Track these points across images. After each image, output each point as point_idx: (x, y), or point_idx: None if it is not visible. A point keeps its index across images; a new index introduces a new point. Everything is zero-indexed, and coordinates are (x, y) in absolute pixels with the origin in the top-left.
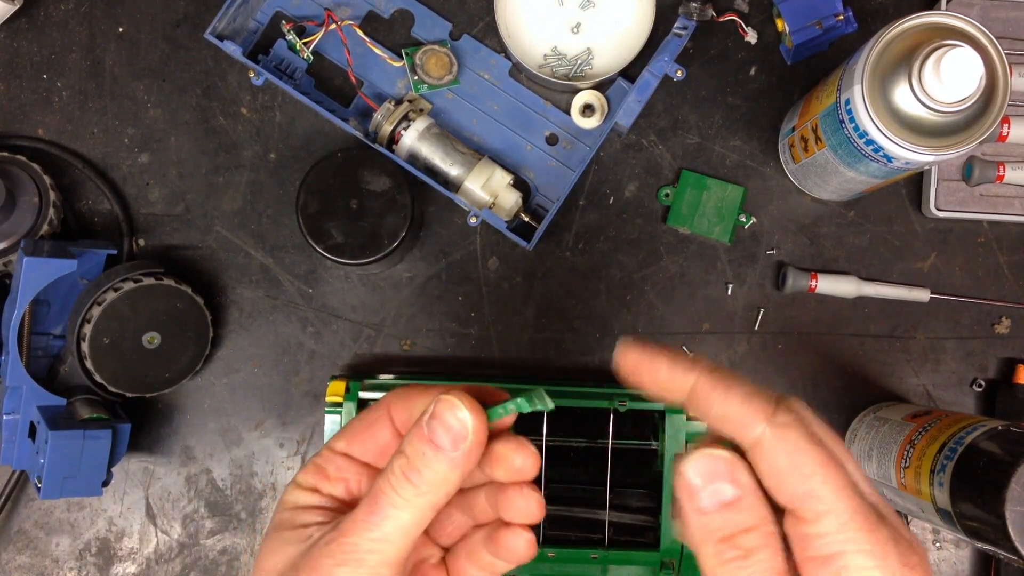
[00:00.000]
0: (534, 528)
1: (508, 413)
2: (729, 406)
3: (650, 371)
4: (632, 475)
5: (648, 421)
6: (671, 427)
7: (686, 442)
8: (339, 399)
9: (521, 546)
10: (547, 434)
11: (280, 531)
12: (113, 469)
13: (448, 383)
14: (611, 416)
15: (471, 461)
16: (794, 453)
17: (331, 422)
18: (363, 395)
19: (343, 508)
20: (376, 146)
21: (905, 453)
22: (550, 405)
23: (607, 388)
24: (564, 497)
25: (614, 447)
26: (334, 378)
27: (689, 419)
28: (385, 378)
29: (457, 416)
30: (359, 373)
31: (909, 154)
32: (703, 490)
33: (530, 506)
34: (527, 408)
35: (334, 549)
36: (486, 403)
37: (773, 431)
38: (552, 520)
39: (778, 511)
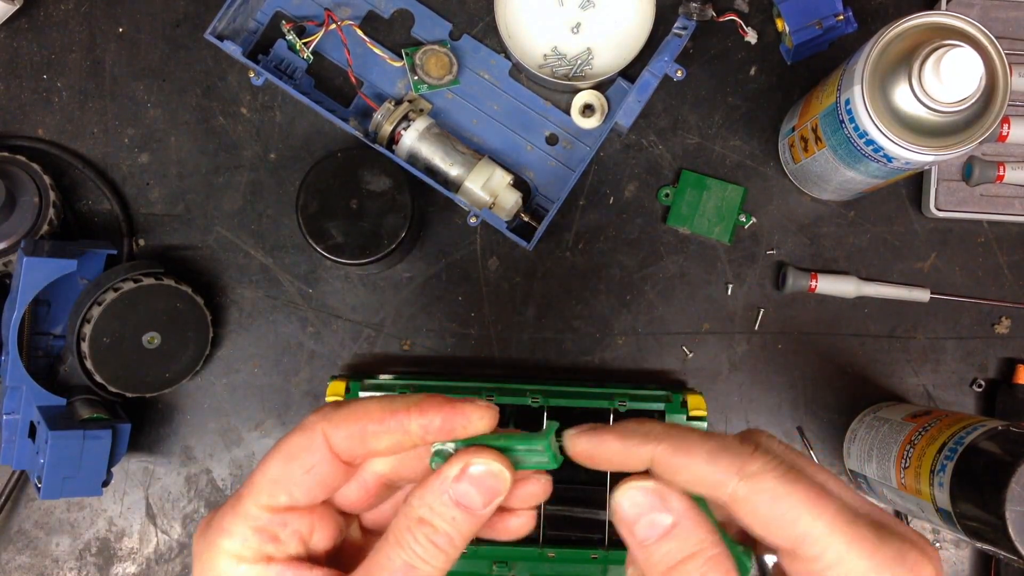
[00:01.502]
0: (536, 518)
1: (530, 467)
2: (695, 469)
3: (604, 456)
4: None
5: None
6: None
7: None
8: (339, 399)
9: (523, 525)
10: None
11: None
12: (113, 469)
13: (411, 389)
14: (611, 416)
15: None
16: (774, 501)
17: None
18: (363, 395)
19: (304, 566)
20: (376, 146)
21: (905, 453)
22: (557, 460)
23: (607, 388)
24: (564, 497)
25: None
26: (334, 378)
27: (690, 419)
28: (385, 378)
29: (493, 474)
30: (359, 373)
31: (909, 154)
32: (638, 523)
33: (536, 491)
34: (552, 463)
35: None
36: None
37: (747, 484)
38: (552, 520)
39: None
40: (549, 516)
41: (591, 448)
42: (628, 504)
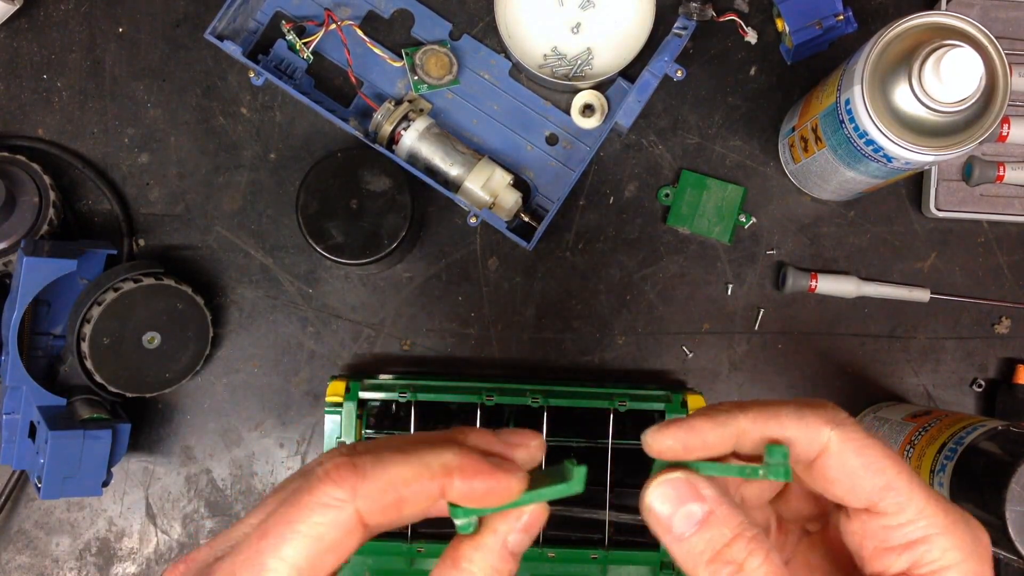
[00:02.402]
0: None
1: (547, 498)
2: (787, 430)
3: (697, 443)
4: (632, 475)
5: (648, 421)
6: None
7: None
8: (339, 399)
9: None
10: (547, 434)
11: None
12: (113, 469)
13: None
14: (611, 416)
15: None
16: (863, 451)
17: (331, 422)
18: (363, 395)
19: None
20: (376, 146)
21: (905, 453)
22: (577, 487)
23: (607, 388)
24: (564, 498)
25: (614, 447)
26: (334, 378)
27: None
28: (385, 378)
29: (530, 537)
30: (359, 373)
31: (909, 154)
32: (674, 517)
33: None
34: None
35: None
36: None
37: (839, 432)
38: (552, 520)
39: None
40: (549, 516)
41: (684, 438)
42: (660, 502)
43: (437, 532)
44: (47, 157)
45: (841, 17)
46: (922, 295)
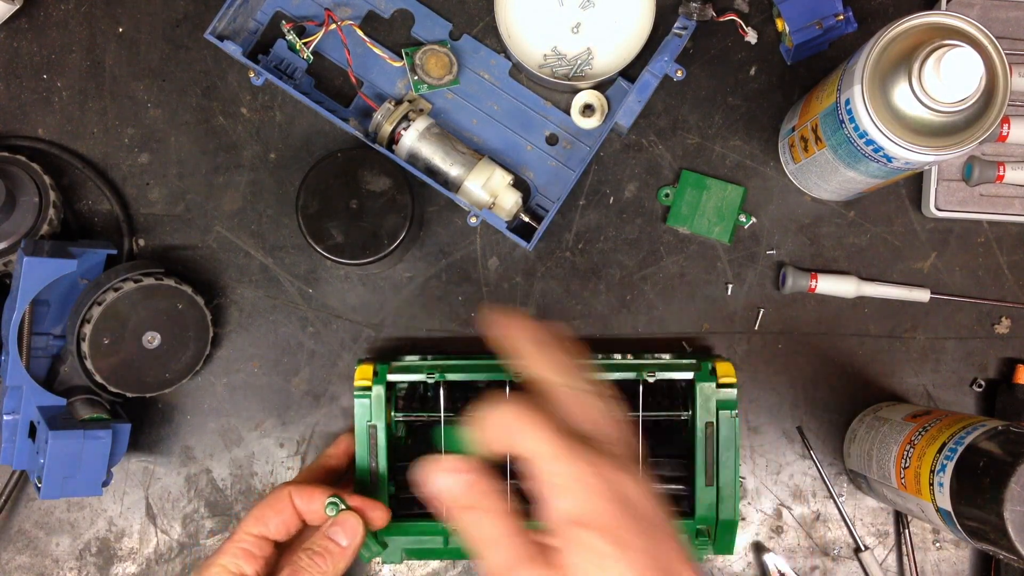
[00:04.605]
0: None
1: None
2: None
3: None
4: (664, 444)
5: (677, 391)
6: (701, 396)
7: (716, 410)
8: (367, 383)
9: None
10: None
11: None
12: (113, 469)
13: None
14: (640, 387)
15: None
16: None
17: (361, 407)
18: (392, 377)
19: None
20: (376, 146)
21: (905, 453)
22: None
23: (636, 359)
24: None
25: (645, 418)
26: (361, 361)
27: (719, 387)
28: (411, 359)
29: (352, 526)
30: (385, 356)
31: (909, 154)
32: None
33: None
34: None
35: None
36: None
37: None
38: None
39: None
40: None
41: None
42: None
43: None
44: (47, 157)
45: (841, 17)
46: (922, 295)
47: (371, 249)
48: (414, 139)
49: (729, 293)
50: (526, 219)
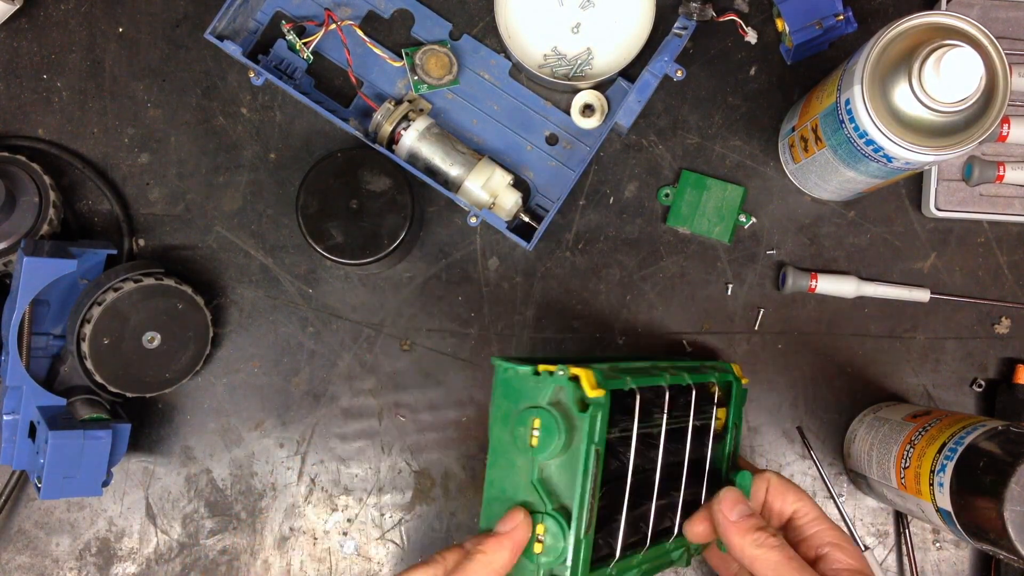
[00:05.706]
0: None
1: None
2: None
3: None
4: (695, 449)
5: (707, 395)
6: (737, 399)
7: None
8: (601, 393)
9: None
10: (639, 421)
11: None
12: (113, 469)
13: None
14: (666, 393)
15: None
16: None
17: (589, 422)
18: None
19: None
20: (376, 146)
21: (905, 453)
22: None
23: (667, 361)
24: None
25: (684, 425)
26: (570, 363)
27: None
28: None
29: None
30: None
31: (909, 154)
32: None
33: None
34: None
35: None
36: None
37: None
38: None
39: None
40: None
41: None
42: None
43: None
44: (47, 157)
45: (841, 17)
46: (922, 295)
47: (371, 249)
48: (414, 139)
49: (729, 293)
50: (526, 219)
